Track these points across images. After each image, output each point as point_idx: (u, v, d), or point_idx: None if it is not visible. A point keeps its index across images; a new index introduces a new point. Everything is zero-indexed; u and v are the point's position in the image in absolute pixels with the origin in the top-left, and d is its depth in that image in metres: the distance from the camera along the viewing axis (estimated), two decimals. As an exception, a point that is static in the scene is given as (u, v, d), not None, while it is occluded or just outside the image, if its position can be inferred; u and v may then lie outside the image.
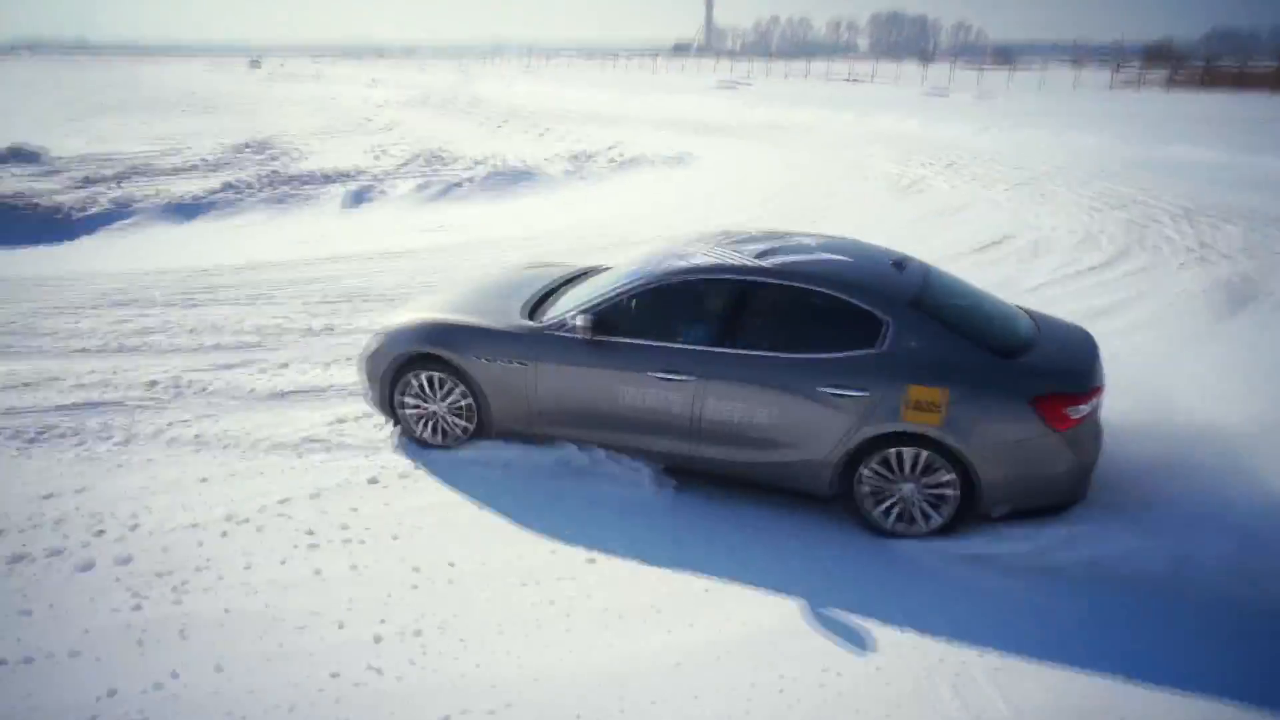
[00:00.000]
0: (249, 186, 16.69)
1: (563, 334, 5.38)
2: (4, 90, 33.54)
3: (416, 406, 5.81)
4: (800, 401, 4.91)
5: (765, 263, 5.19)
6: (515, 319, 5.63)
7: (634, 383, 5.22)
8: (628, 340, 5.26)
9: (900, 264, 5.43)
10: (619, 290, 5.38)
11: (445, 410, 5.75)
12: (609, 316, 5.29)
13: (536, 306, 5.80)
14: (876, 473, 4.90)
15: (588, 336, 5.24)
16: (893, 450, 4.83)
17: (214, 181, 17.21)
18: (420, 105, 37.07)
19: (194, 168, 19.76)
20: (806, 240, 5.67)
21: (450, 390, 5.68)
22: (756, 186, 16.53)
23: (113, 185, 17.26)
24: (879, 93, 47.19)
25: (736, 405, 5.05)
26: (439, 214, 14.75)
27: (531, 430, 5.60)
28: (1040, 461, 4.71)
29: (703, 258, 5.38)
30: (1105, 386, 5.01)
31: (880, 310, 4.90)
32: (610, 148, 21.62)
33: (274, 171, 18.39)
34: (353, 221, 14.44)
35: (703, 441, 5.19)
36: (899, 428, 4.75)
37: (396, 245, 12.04)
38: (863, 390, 4.80)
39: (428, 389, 5.73)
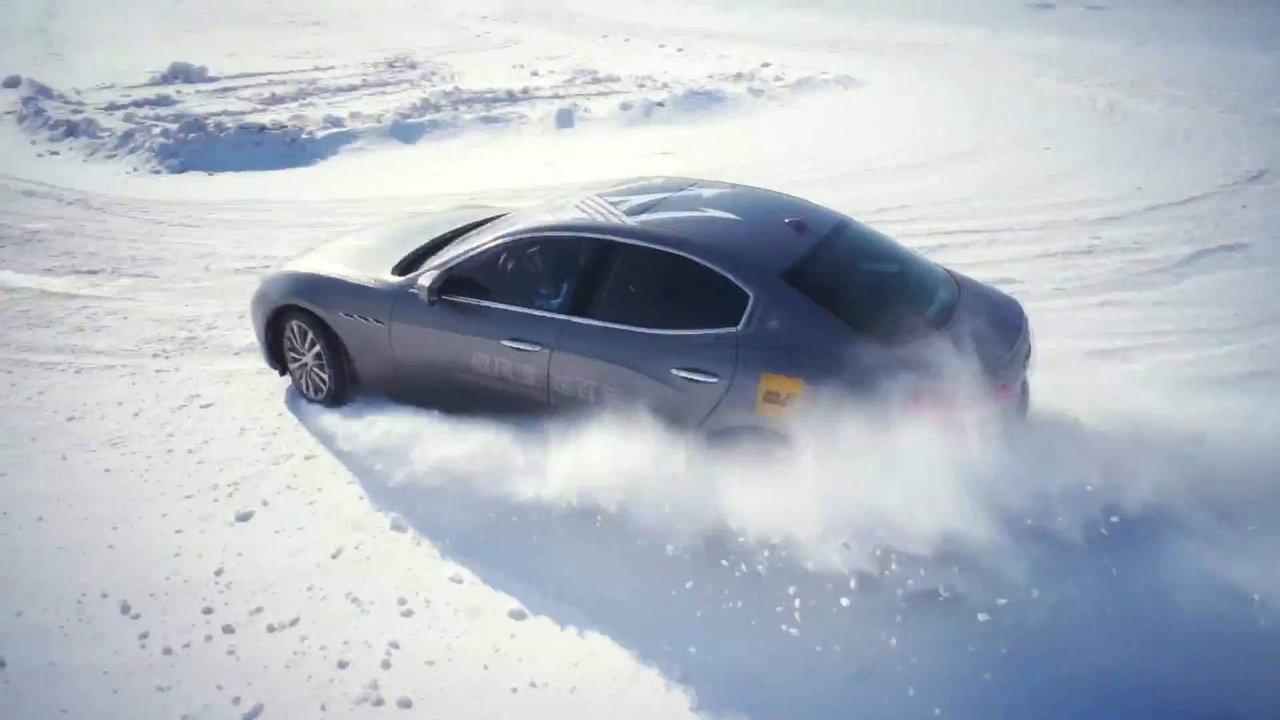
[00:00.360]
0: (438, 107, 16.64)
1: (414, 292, 4.93)
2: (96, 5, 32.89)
3: (296, 359, 5.60)
4: (652, 384, 4.25)
5: (631, 221, 4.51)
6: (383, 274, 5.19)
7: (487, 350, 4.72)
8: (479, 303, 4.75)
9: (801, 225, 4.52)
10: (477, 248, 4.86)
11: (313, 365, 5.51)
12: (463, 276, 4.81)
13: (416, 261, 5.26)
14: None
15: (433, 298, 4.79)
16: (752, 445, 4.08)
17: (395, 102, 17.16)
18: (515, 19, 36.31)
19: (355, 87, 19.66)
20: (708, 193, 4.90)
21: (313, 344, 5.41)
22: (953, 110, 16.35)
23: (295, 105, 17.33)
24: (965, 4, 45.56)
25: (589, 383, 4.43)
26: (653, 137, 14.73)
27: (398, 395, 5.25)
28: None
29: (570, 213, 4.78)
30: (1017, 385, 4.25)
31: (745, 282, 4.14)
32: (764, 66, 21.28)
33: (456, 89, 18.29)
34: (573, 143, 14.45)
35: (557, 419, 4.55)
36: (753, 422, 4.05)
37: (639, 168, 12.11)
38: (713, 376, 4.11)
39: (298, 341, 5.50)
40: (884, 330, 4.06)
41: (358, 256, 5.54)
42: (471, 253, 4.90)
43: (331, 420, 5.50)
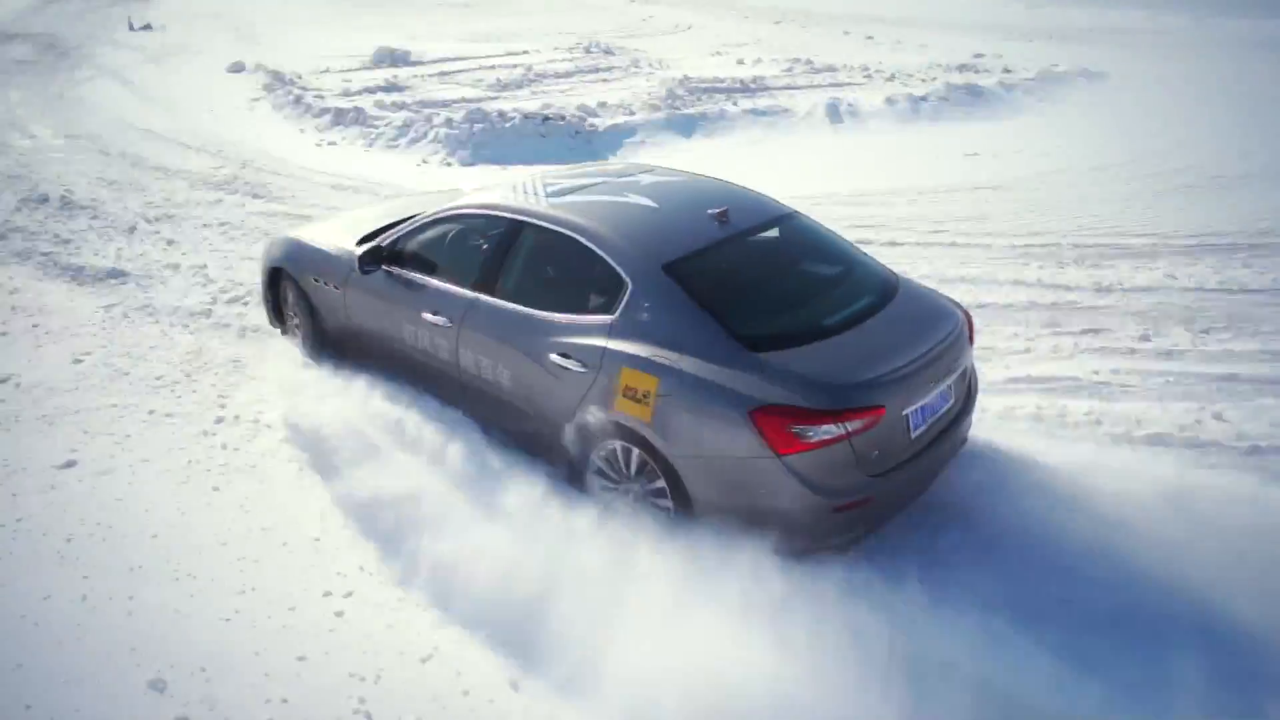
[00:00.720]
0: (679, 97, 15.86)
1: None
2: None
3: (291, 319, 5.96)
4: (534, 367, 4.21)
5: (542, 204, 4.51)
6: (347, 243, 5.38)
7: (412, 321, 4.82)
8: (408, 276, 4.89)
9: (723, 216, 4.25)
10: (414, 223, 5.01)
11: (296, 324, 5.86)
12: (399, 250, 4.99)
13: (378, 233, 5.33)
14: (601, 470, 4.13)
15: (366, 268, 4.98)
16: (616, 443, 3.97)
17: (627, 92, 16.47)
18: (672, 1, 35.38)
19: (570, 74, 18.97)
20: (646, 180, 4.80)
21: (296, 306, 5.75)
22: (1252, 102, 15.00)
23: (524, 92, 16.78)
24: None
25: (486, 360, 4.46)
26: (940, 135, 13.78)
27: (358, 358, 5.37)
28: (758, 490, 3.61)
29: (496, 193, 4.86)
30: (906, 407, 3.73)
31: (625, 270, 4.00)
32: (977, 57, 20.08)
33: (685, 77, 17.52)
34: (856, 139, 13.60)
35: (468, 397, 4.68)
36: (613, 417, 3.90)
37: (990, 177, 11.20)
38: (583, 365, 4.02)
39: (288, 302, 5.86)
40: (762, 334, 3.81)
41: (348, 227, 5.73)
42: (408, 227, 5.03)
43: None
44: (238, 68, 17.96)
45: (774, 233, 4.50)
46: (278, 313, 6.10)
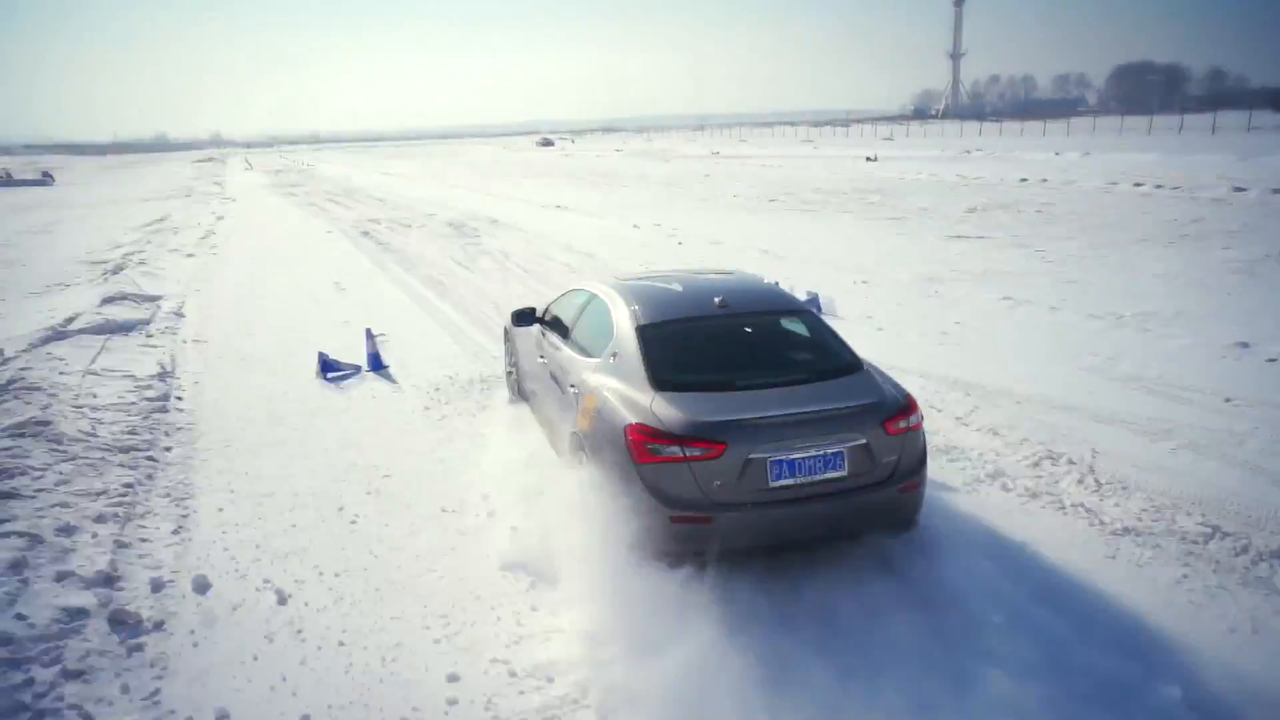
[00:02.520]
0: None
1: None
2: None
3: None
4: (561, 393, 5.43)
5: (609, 283, 5.81)
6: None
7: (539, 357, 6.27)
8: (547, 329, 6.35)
9: (723, 303, 5.16)
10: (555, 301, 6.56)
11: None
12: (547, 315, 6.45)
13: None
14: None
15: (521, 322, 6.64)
16: (580, 452, 4.86)
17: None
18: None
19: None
20: (688, 275, 6.03)
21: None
22: None
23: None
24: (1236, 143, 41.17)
25: (542, 385, 6.10)
26: None
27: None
28: (627, 493, 4.23)
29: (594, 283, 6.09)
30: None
31: (616, 326, 5.11)
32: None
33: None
34: None
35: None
36: (575, 429, 4.87)
37: None
38: (575, 389, 5.09)
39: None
40: (670, 380, 4.50)
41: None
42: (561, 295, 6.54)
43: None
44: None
45: (768, 317, 5.26)
46: None
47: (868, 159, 44.35)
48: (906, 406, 4.45)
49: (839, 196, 24.96)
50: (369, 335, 8.76)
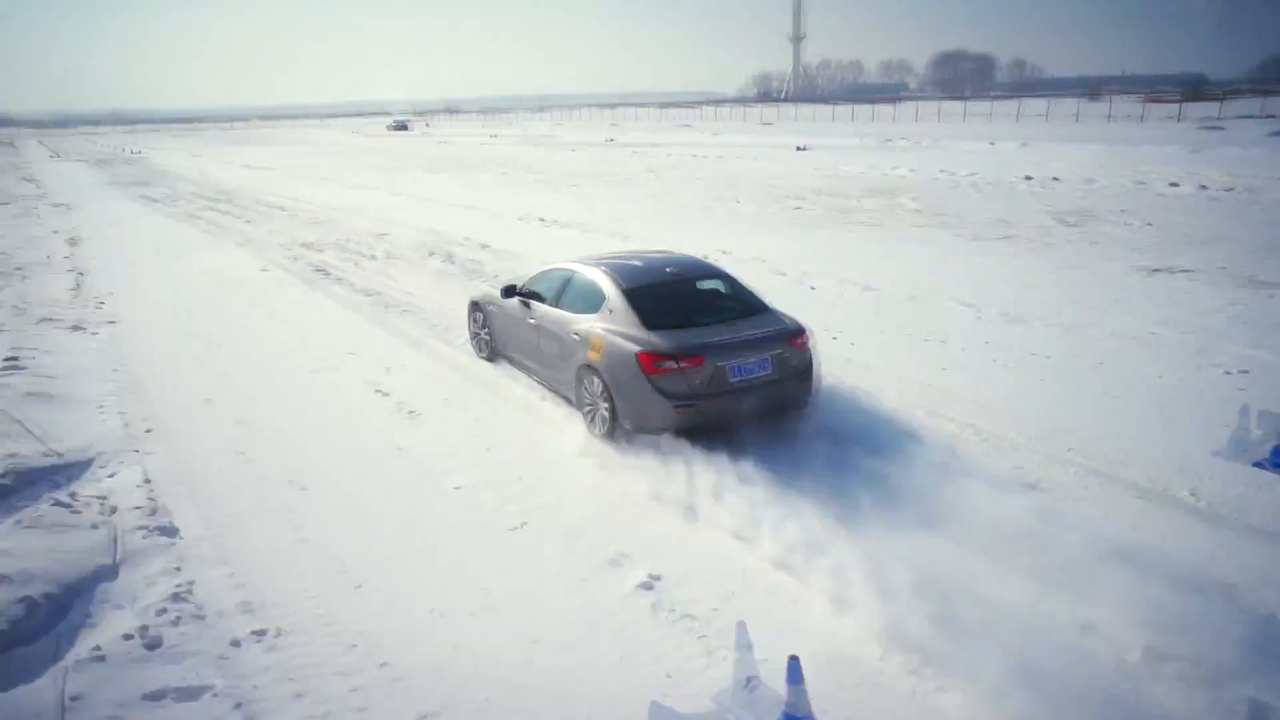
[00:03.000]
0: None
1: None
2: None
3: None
4: (567, 339, 7.21)
5: (592, 262, 7.87)
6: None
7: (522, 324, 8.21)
8: (525, 299, 8.18)
9: (674, 271, 7.42)
10: (536, 274, 8.45)
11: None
12: (523, 288, 8.30)
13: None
14: (585, 390, 7.01)
15: (507, 296, 8.41)
16: (589, 376, 6.90)
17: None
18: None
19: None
20: (651, 254, 8.40)
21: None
22: None
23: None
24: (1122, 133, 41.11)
25: (551, 343, 7.69)
26: None
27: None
28: (640, 394, 6.39)
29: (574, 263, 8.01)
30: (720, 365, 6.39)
31: (606, 290, 7.07)
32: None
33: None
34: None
35: (540, 362, 7.98)
36: (588, 362, 6.83)
37: None
38: (577, 336, 7.06)
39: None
40: (657, 322, 6.62)
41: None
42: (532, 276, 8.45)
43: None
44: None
45: (703, 281, 7.49)
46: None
47: (798, 149, 41.16)
48: (802, 330, 6.88)
49: (873, 201, 21.13)
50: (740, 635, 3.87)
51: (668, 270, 7.29)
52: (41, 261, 15.63)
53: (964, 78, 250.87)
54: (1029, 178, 25.06)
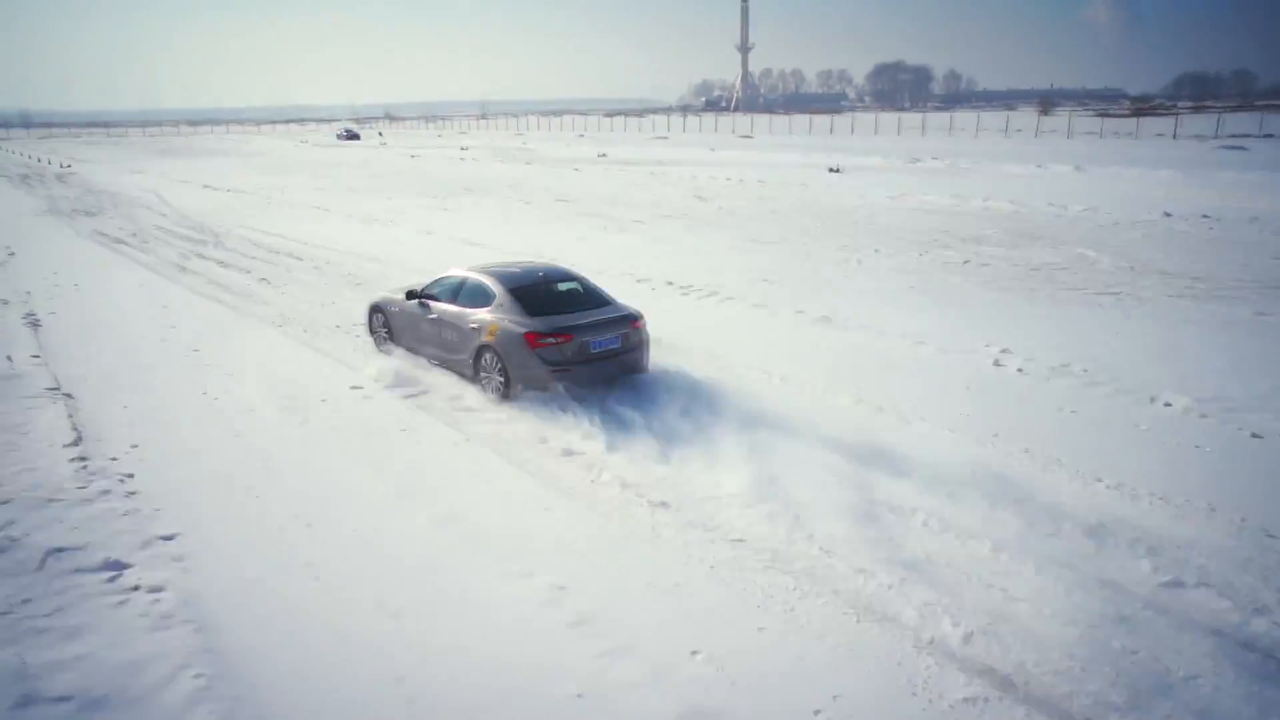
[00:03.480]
0: None
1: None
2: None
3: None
4: (464, 329, 9.40)
5: (474, 271, 10.05)
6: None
7: (424, 320, 10.17)
8: (424, 301, 10.19)
9: (544, 274, 9.90)
10: (433, 281, 10.56)
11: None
12: (423, 291, 10.33)
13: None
14: (484, 370, 9.23)
15: (410, 299, 10.43)
16: (487, 354, 9.12)
17: None
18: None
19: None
20: (528, 262, 11.06)
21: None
22: None
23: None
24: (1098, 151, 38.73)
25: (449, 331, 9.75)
26: None
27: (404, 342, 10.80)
28: (526, 364, 8.70)
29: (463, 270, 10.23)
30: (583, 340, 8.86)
31: (495, 289, 9.35)
32: None
33: None
34: None
35: (440, 348, 10.03)
36: (486, 342, 9.06)
37: None
38: (475, 324, 9.29)
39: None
40: (536, 311, 8.95)
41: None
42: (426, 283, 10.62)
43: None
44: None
45: (565, 283, 9.72)
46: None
47: (832, 170, 37.40)
48: (640, 315, 9.32)
49: (1043, 252, 17.26)
50: None
51: (539, 274, 9.72)
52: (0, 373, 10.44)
53: (901, 88, 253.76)
54: (1168, 214, 21.65)
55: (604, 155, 51.64)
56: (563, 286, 9.54)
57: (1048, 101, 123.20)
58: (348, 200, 30.02)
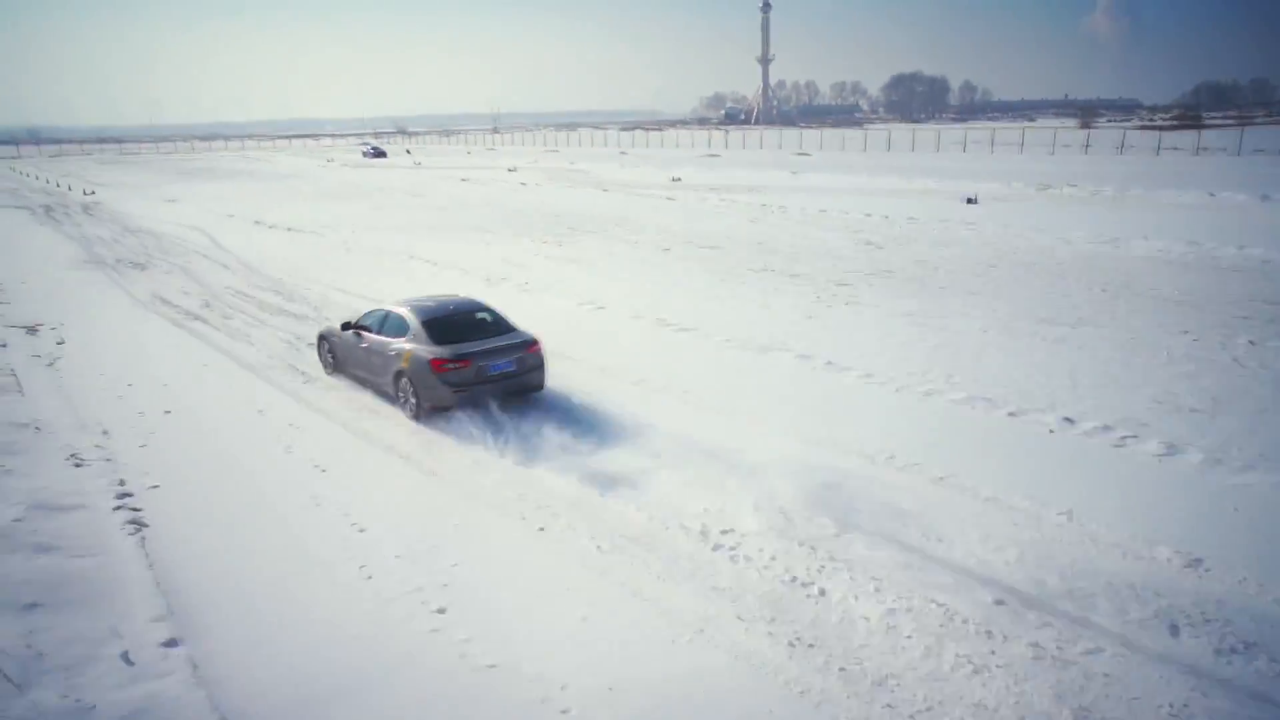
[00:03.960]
0: None
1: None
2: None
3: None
4: (387, 356, 10.72)
5: (398, 305, 11.36)
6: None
7: (357, 347, 11.54)
8: (357, 331, 11.57)
9: (456, 307, 11.20)
10: (367, 313, 12.05)
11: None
12: (357, 323, 11.77)
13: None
14: (402, 392, 10.59)
15: (345, 330, 11.85)
16: (402, 379, 10.45)
17: None
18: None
19: None
20: (446, 298, 11.85)
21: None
22: None
23: None
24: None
25: (378, 360, 11.04)
26: None
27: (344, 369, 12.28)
28: (431, 386, 10.03)
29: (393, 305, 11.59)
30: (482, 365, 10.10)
31: (410, 320, 10.69)
32: None
33: None
34: None
35: (370, 372, 11.35)
36: (399, 369, 10.41)
37: None
38: (395, 351, 10.62)
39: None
40: (443, 339, 10.25)
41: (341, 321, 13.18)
42: (362, 314, 12.20)
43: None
44: None
45: (475, 313, 11.04)
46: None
47: (968, 201, 32.79)
48: (536, 341, 10.62)
49: None
50: None
51: (451, 307, 11.06)
52: (91, 594, 5.71)
53: (916, 100, 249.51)
54: None
55: (678, 180, 46.99)
56: (474, 316, 10.98)
57: (1090, 111, 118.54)
58: (440, 244, 25.22)
